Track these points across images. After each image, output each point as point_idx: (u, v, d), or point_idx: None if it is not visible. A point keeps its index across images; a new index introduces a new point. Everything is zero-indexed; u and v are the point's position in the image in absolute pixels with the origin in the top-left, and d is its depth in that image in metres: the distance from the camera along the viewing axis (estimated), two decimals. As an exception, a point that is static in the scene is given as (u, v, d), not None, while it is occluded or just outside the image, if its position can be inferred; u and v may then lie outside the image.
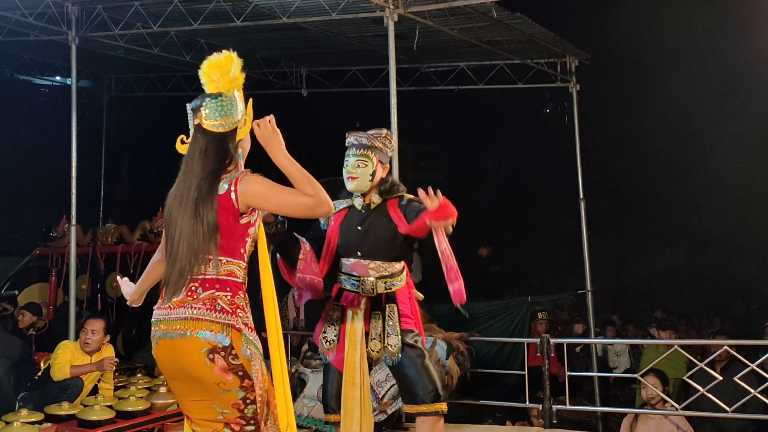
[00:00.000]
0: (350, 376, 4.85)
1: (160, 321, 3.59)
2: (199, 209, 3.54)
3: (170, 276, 3.60)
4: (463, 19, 9.95)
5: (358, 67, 13.07)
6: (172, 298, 3.57)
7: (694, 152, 16.03)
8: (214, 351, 3.46)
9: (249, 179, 3.58)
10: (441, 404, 4.86)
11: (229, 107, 3.70)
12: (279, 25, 10.02)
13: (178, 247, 3.56)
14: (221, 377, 3.46)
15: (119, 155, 17.10)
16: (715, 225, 16.44)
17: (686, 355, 7.94)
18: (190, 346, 3.47)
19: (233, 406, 3.50)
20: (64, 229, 11.13)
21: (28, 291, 11.81)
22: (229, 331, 3.49)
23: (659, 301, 14.58)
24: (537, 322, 11.47)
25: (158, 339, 3.59)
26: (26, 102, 16.33)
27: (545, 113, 18.69)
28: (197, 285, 3.55)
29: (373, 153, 4.90)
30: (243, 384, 3.49)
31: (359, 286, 4.93)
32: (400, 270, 5.02)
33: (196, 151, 3.66)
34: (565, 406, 8.04)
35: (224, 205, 3.55)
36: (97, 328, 7.82)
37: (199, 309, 3.50)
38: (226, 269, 3.58)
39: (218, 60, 3.86)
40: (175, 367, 3.57)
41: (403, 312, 4.94)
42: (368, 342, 4.90)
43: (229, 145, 3.67)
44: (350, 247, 4.95)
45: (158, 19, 9.95)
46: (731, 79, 15.29)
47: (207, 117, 3.69)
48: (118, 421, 7.28)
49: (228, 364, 3.47)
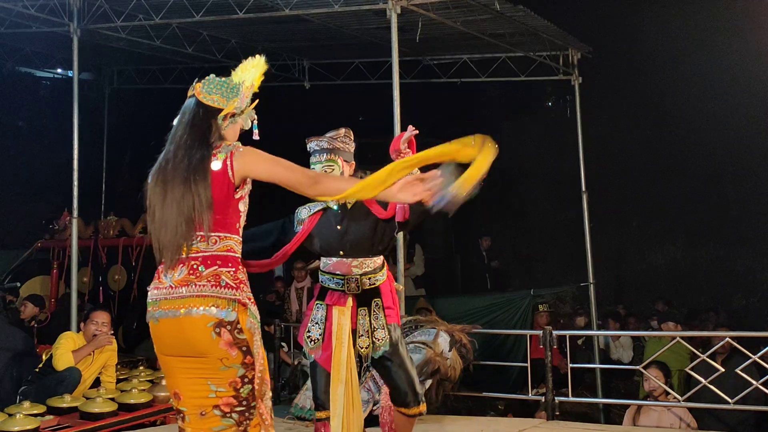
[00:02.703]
0: (337, 372, 4.87)
1: (160, 300, 3.56)
2: (190, 180, 3.51)
3: (164, 251, 3.57)
4: (466, 12, 9.93)
5: (360, 59, 13.06)
6: (169, 275, 3.56)
7: (695, 145, 16.00)
8: (221, 325, 3.46)
9: (244, 151, 3.58)
10: (420, 407, 4.99)
11: (229, 89, 3.71)
12: (281, 17, 10.01)
13: (167, 218, 3.54)
14: (226, 352, 3.46)
15: (121, 148, 17.07)
16: (715, 218, 16.43)
17: (688, 347, 7.96)
18: (197, 322, 3.46)
19: (230, 384, 3.49)
20: (66, 221, 11.13)
21: (29, 283, 11.83)
22: (235, 306, 3.50)
23: (660, 294, 14.58)
24: (538, 314, 11.48)
25: (159, 318, 3.55)
26: (28, 94, 16.32)
27: (547, 106, 18.65)
28: (198, 263, 3.53)
29: (336, 155, 4.95)
30: (245, 360, 3.50)
31: (344, 285, 4.96)
32: (381, 264, 5.07)
33: (185, 117, 3.70)
34: (568, 398, 8.06)
35: (219, 180, 3.54)
36: (106, 320, 7.84)
37: (204, 286, 3.49)
38: (225, 245, 3.58)
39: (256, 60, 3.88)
40: (177, 343, 3.53)
41: (386, 305, 4.99)
42: (356, 339, 4.94)
43: (216, 120, 3.67)
44: (331, 248, 4.98)
45: (160, 10, 9.95)
46: (733, 72, 15.24)
47: (203, 87, 3.71)
48: (120, 414, 7.31)
49: (233, 338, 3.47)
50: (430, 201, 3.71)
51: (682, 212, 16.71)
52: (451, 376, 7.30)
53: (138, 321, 11.22)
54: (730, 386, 7.24)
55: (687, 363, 8.22)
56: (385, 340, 4.91)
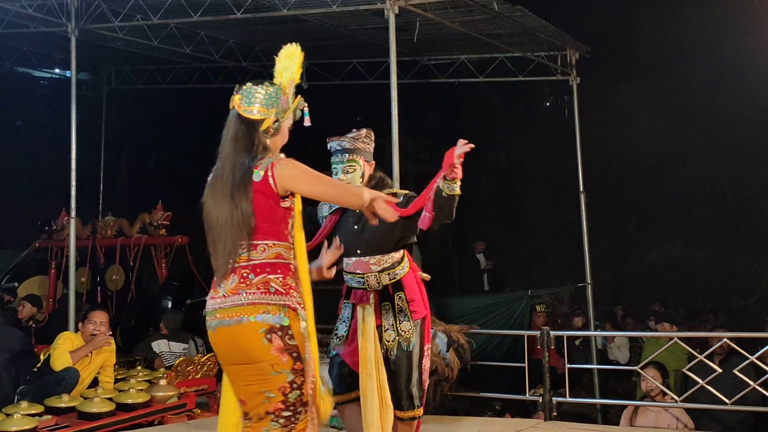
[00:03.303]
0: (365, 368, 4.93)
1: (216, 310, 3.67)
2: (234, 194, 3.60)
3: (216, 263, 3.68)
4: (464, 12, 9.94)
5: (358, 59, 13.06)
6: (222, 285, 3.66)
7: (693, 145, 16.02)
8: (272, 331, 3.54)
9: (284, 163, 3.64)
10: (414, 411, 5.03)
11: (269, 97, 3.75)
12: (279, 17, 10.00)
13: (217, 231, 3.65)
14: (277, 358, 3.54)
15: (119, 148, 17.08)
16: (713, 218, 16.45)
17: (686, 348, 7.96)
18: (249, 329, 3.55)
19: (279, 390, 3.56)
20: (64, 221, 11.12)
21: (27, 283, 11.82)
22: (286, 311, 3.59)
23: (658, 295, 14.59)
24: (536, 315, 11.48)
25: (215, 327, 3.67)
26: (25, 94, 16.32)
27: (545, 106, 18.66)
28: (248, 271, 3.62)
29: (358, 155, 5.01)
30: (294, 366, 3.57)
31: (364, 283, 5.04)
32: (400, 258, 5.10)
33: (229, 133, 3.72)
34: (565, 398, 8.06)
35: (262, 190, 3.61)
36: (104, 320, 7.84)
37: (254, 293, 3.58)
38: (274, 252, 3.65)
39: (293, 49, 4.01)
40: (232, 352, 3.63)
41: (410, 297, 5.05)
42: (382, 334, 5.01)
43: (258, 132, 3.71)
44: (350, 247, 4.97)
45: (158, 10, 9.94)
46: (731, 72, 15.27)
47: (241, 100, 3.73)
48: (118, 414, 7.30)
49: (284, 344, 3.55)
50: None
51: (681, 213, 16.74)
52: (448, 377, 7.31)
53: (136, 320, 11.23)
54: (728, 387, 7.25)
55: (684, 364, 8.23)
56: (412, 332, 4.99)
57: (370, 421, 4.89)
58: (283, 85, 3.83)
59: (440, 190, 4.66)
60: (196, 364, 8.56)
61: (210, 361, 8.70)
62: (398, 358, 4.97)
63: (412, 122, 14.33)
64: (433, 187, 4.71)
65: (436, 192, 4.68)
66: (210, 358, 8.78)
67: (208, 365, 8.65)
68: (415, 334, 5.00)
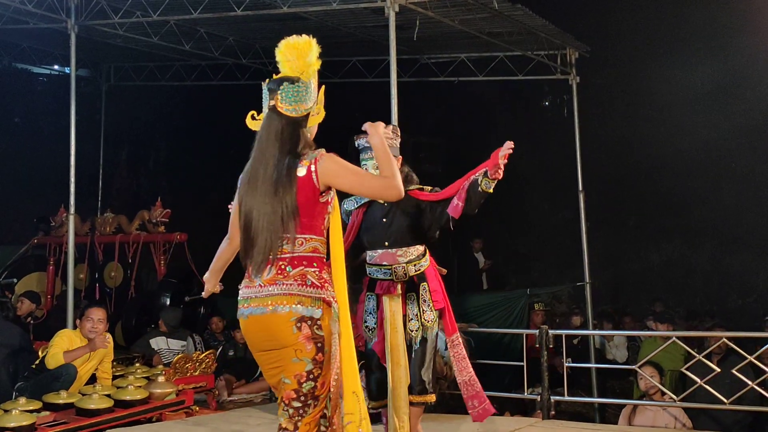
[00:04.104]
0: (396, 357, 5.18)
1: (251, 298, 3.76)
2: (278, 190, 3.70)
3: (252, 255, 3.76)
4: (464, 10, 9.93)
5: (358, 57, 13.05)
6: (259, 276, 3.75)
7: (692, 145, 16.01)
8: (302, 320, 3.66)
9: (326, 158, 3.76)
10: (426, 397, 5.31)
11: (305, 94, 3.85)
12: (279, 14, 9.99)
13: (258, 226, 3.73)
14: (302, 344, 3.65)
15: (118, 144, 17.08)
16: (712, 218, 16.44)
17: (684, 347, 7.97)
18: (282, 318, 3.67)
19: (295, 377, 3.67)
20: (63, 218, 11.13)
21: (26, 280, 11.83)
22: (319, 304, 3.70)
23: (656, 294, 14.59)
24: (534, 313, 11.48)
25: (248, 315, 3.77)
26: (25, 91, 16.32)
27: (545, 105, 18.65)
28: (285, 263, 3.73)
29: None
30: (316, 356, 3.67)
31: (392, 274, 5.28)
32: (423, 251, 5.39)
33: (272, 133, 3.81)
34: (563, 397, 8.06)
35: (305, 186, 3.72)
36: (102, 317, 7.86)
37: (291, 285, 3.69)
38: (310, 246, 3.77)
39: (296, 42, 3.94)
40: (263, 338, 3.75)
41: (432, 288, 5.35)
42: (406, 323, 5.27)
43: (302, 129, 3.84)
44: (377, 240, 5.31)
45: (158, 7, 9.93)
46: (730, 72, 15.26)
47: (283, 100, 3.84)
48: (116, 410, 7.32)
49: (312, 333, 3.66)
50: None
51: (679, 212, 16.72)
52: (447, 375, 7.31)
53: (137, 318, 11.23)
54: (726, 386, 7.25)
55: (681, 364, 8.24)
56: (434, 322, 5.30)
57: (399, 407, 5.15)
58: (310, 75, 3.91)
59: (477, 183, 5.00)
60: (194, 361, 8.57)
61: (208, 358, 8.70)
62: (420, 345, 5.24)
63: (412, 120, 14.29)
64: (470, 178, 5.02)
65: (473, 183, 5.01)
66: (208, 355, 8.79)
67: (207, 362, 8.66)
68: (436, 323, 5.31)
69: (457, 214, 5.16)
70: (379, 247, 5.30)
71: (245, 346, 9.95)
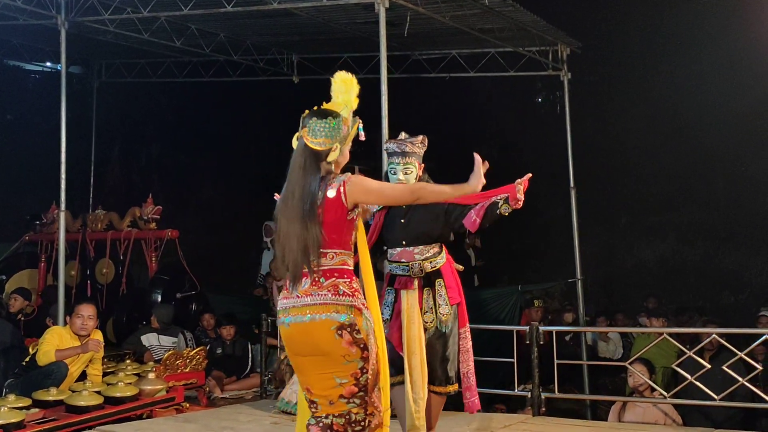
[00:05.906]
0: (412, 347, 5.54)
1: (290, 308, 4.17)
2: (306, 219, 4.10)
3: (290, 269, 4.17)
4: (455, 6, 9.92)
5: (349, 54, 13.01)
6: (296, 287, 4.16)
7: (683, 142, 16.04)
8: (342, 328, 4.06)
9: (354, 181, 4.16)
10: (448, 387, 5.74)
11: (332, 129, 4.20)
12: (270, 11, 9.97)
13: (291, 247, 4.14)
14: (347, 349, 4.06)
15: (109, 141, 17.05)
16: (704, 215, 16.48)
17: (676, 344, 7.97)
18: (322, 326, 4.07)
19: (352, 375, 4.09)
20: (54, 215, 11.11)
21: (17, 277, 11.81)
22: (353, 311, 4.10)
23: (649, 291, 14.60)
24: (532, 310, 11.45)
25: (289, 323, 4.16)
26: (15, 87, 16.27)
27: (537, 102, 18.67)
28: (319, 275, 4.13)
29: (414, 159, 5.69)
30: (363, 355, 4.09)
31: (409, 270, 5.67)
32: (439, 249, 5.76)
33: (297, 164, 4.21)
34: (554, 394, 8.06)
35: (335, 206, 4.12)
36: (92, 313, 7.87)
37: (325, 295, 4.10)
38: (340, 259, 4.18)
39: (348, 77, 4.34)
40: (306, 345, 4.14)
41: (448, 284, 5.70)
42: (422, 316, 5.64)
43: (324, 162, 4.19)
44: (396, 239, 5.73)
45: (148, 4, 9.90)
46: (722, 68, 15.29)
47: (309, 133, 4.20)
48: (106, 407, 7.31)
49: (353, 338, 4.07)
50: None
51: (672, 209, 16.76)
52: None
53: (128, 314, 11.22)
54: (717, 383, 7.25)
55: (673, 360, 8.23)
56: (449, 316, 5.65)
57: (417, 394, 5.50)
58: (344, 116, 4.24)
59: (497, 207, 5.46)
60: (185, 357, 8.56)
61: (198, 355, 8.69)
62: (435, 338, 5.61)
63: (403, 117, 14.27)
64: (491, 199, 5.44)
65: (493, 204, 5.47)
66: (199, 352, 8.77)
67: (197, 359, 8.65)
68: (452, 317, 5.65)
69: (474, 228, 5.60)
70: (398, 245, 5.72)
71: (234, 343, 9.98)
